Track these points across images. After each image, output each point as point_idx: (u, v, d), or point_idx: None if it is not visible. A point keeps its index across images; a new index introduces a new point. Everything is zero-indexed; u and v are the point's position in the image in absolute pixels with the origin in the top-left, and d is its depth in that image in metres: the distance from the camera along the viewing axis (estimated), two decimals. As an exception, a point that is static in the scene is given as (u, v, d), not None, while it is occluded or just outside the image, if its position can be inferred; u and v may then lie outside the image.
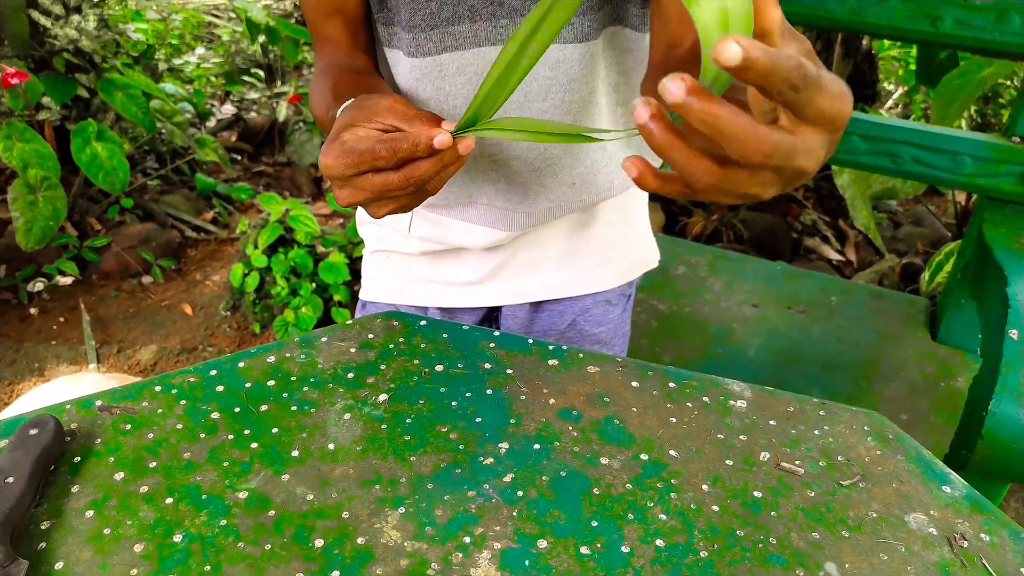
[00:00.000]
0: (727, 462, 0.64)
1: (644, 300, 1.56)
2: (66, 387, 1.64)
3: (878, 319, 1.50)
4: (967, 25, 1.28)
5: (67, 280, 2.43)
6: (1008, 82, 2.84)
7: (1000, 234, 1.31)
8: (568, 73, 0.78)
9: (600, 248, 0.99)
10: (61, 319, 2.29)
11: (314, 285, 2.22)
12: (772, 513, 0.59)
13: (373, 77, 0.81)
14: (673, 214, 2.73)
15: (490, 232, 0.91)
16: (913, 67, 2.86)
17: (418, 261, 1.00)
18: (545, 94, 0.80)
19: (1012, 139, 1.34)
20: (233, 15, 4.52)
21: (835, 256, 2.53)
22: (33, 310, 2.32)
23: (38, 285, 2.40)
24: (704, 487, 0.61)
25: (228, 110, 3.77)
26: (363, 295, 1.08)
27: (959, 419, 1.19)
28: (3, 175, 2.82)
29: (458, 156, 0.59)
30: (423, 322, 0.80)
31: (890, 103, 3.76)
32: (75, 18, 2.41)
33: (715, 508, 0.59)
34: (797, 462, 0.64)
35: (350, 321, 0.81)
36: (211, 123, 3.57)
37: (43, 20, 2.35)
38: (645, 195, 1.04)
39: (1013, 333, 0.97)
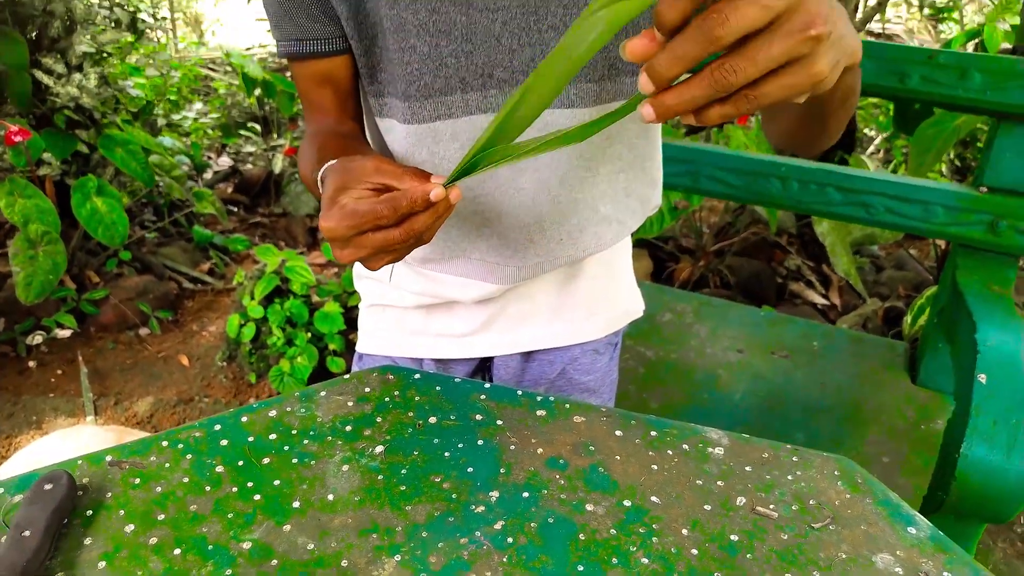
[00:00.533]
0: (705, 507, 0.67)
1: (632, 347, 1.60)
2: (64, 440, 1.66)
3: (859, 363, 1.54)
4: (932, 82, 1.35)
5: (65, 333, 2.46)
6: (985, 127, 2.93)
7: (972, 280, 1.36)
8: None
9: (587, 301, 1.03)
10: (59, 372, 2.32)
11: (309, 335, 2.25)
12: (748, 555, 0.62)
13: (359, 142, 0.86)
14: (660, 260, 2.78)
15: (482, 286, 0.96)
16: (892, 114, 2.95)
17: (413, 314, 1.04)
18: (534, 157, 0.85)
19: (980, 189, 1.40)
20: (229, 68, 4.63)
21: (820, 300, 2.59)
22: (31, 363, 2.34)
23: (37, 338, 2.43)
24: (684, 531, 0.65)
25: (224, 162, 3.84)
26: (360, 348, 1.12)
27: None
28: (2, 229, 2.87)
29: (450, 205, 0.64)
30: (417, 375, 0.84)
31: (872, 148, 3.86)
32: (76, 76, 2.48)
33: (694, 551, 0.63)
34: (771, 506, 0.68)
35: (347, 376, 0.85)
36: (208, 175, 3.63)
37: (46, 79, 2.42)
38: (629, 250, 1.09)
39: (982, 377, 1.01)
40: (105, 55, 2.66)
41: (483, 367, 1.10)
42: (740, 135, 2.40)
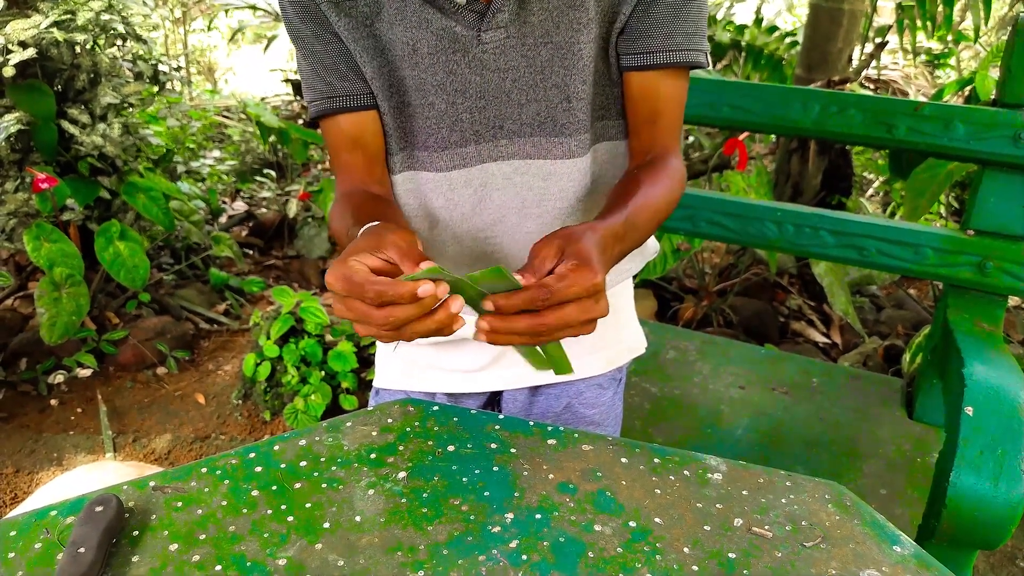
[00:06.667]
0: (705, 527, 0.73)
1: (637, 383, 1.66)
2: (88, 475, 1.71)
3: (857, 399, 1.59)
4: (918, 132, 1.42)
5: (86, 372, 2.53)
6: (978, 171, 3.00)
7: (962, 318, 1.42)
8: (558, 184, 0.92)
9: (591, 338, 1.08)
10: (79, 410, 2.38)
11: (323, 373, 2.31)
12: (744, 572, 0.68)
13: (389, 205, 0.92)
14: (665, 300, 2.85)
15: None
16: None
17: (426, 350, 1.10)
18: (539, 201, 0.93)
19: (967, 232, 1.46)
20: (243, 116, 4.76)
21: (821, 339, 2.64)
22: (53, 401, 2.40)
23: (58, 377, 2.49)
24: (685, 550, 0.70)
25: (239, 206, 3.94)
26: (376, 382, 1.17)
27: (931, 492, 1.28)
28: (23, 273, 2.95)
29: (437, 300, 0.66)
30: (436, 407, 0.90)
31: (871, 191, 3.94)
32: (100, 126, 2.58)
33: (695, 568, 0.68)
34: (766, 527, 0.73)
35: (371, 407, 0.91)
36: (223, 219, 3.73)
37: (71, 129, 2.51)
38: (631, 291, 1.15)
39: (968, 410, 1.06)
40: (128, 106, 2.76)
41: (493, 401, 1.15)
42: (739, 180, 2.48)
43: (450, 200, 0.93)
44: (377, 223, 0.76)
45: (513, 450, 0.83)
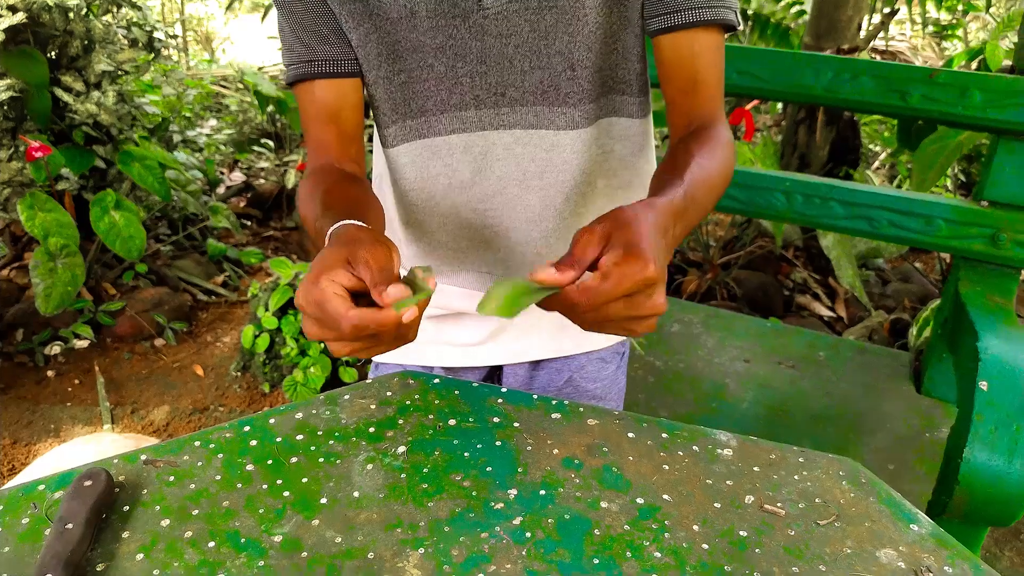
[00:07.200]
0: (715, 504, 0.70)
1: (641, 356, 1.63)
2: (85, 446, 1.69)
3: (864, 373, 1.57)
4: (932, 100, 1.38)
5: (82, 343, 2.51)
6: (987, 142, 2.95)
7: (974, 292, 1.39)
8: (561, 155, 0.88)
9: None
10: (76, 381, 2.36)
11: (322, 345, 2.29)
12: (756, 550, 0.65)
13: (363, 189, 0.86)
14: (669, 273, 2.81)
15: (489, 296, 0.99)
16: (896, 131, 2.98)
17: (424, 324, 1.07)
18: (541, 173, 0.89)
19: (981, 203, 1.43)
20: (241, 85, 4.70)
21: (826, 312, 2.61)
22: (49, 373, 2.38)
23: (54, 348, 2.47)
24: (695, 527, 0.68)
25: (237, 177, 3.89)
26: (376, 357, 1.15)
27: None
28: (18, 243, 2.92)
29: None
30: (436, 380, 0.88)
31: (877, 164, 3.89)
32: (95, 94, 2.54)
33: (705, 547, 0.66)
34: (779, 504, 0.71)
35: (369, 380, 0.89)
36: (220, 190, 3.69)
37: (65, 97, 2.47)
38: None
39: (983, 385, 1.04)
40: (122, 73, 2.71)
41: (493, 375, 1.13)
42: (746, 151, 2.44)
43: (449, 166, 0.89)
44: (350, 225, 0.69)
45: (516, 424, 0.80)
